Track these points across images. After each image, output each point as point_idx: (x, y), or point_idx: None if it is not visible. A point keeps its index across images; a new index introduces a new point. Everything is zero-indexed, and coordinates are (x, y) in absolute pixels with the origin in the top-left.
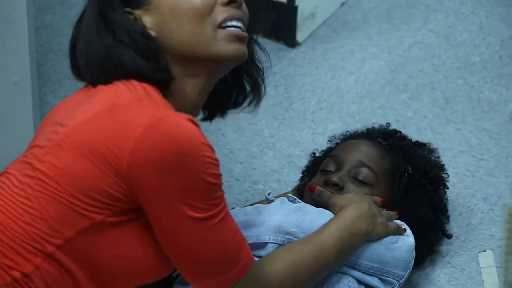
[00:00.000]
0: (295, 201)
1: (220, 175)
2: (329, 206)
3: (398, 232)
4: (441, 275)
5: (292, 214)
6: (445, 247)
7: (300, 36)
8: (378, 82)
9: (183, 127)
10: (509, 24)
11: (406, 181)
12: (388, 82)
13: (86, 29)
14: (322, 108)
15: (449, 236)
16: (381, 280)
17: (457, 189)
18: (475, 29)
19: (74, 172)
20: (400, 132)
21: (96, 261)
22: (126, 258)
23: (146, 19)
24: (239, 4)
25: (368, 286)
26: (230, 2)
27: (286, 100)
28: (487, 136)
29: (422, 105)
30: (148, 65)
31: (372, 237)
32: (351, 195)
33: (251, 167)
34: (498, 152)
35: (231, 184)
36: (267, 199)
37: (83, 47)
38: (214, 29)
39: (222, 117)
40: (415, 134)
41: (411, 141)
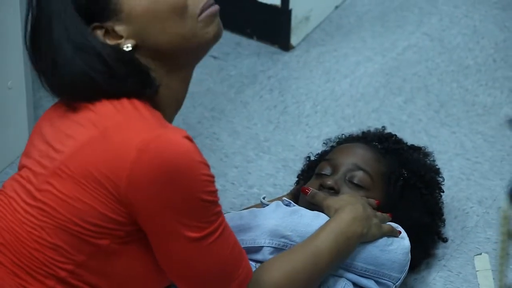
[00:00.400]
0: (290, 204)
1: (216, 191)
2: (323, 208)
3: (392, 233)
4: (437, 278)
5: (287, 217)
6: (440, 250)
7: (294, 40)
8: (373, 86)
9: (177, 146)
10: (503, 27)
11: (402, 184)
12: (383, 85)
13: (58, 49)
14: (316, 111)
15: (444, 240)
16: (377, 282)
17: (452, 192)
18: (469, 32)
19: (74, 200)
20: (396, 135)
21: (108, 281)
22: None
23: (120, 29)
24: None
25: None
26: None
27: (280, 104)
28: (481, 139)
29: (417, 108)
30: (128, 84)
31: (367, 239)
32: (345, 197)
33: (246, 171)
34: (492, 155)
35: (227, 188)
36: (262, 203)
37: (58, 72)
38: (196, 20)
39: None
40: (410, 137)
41: (406, 144)
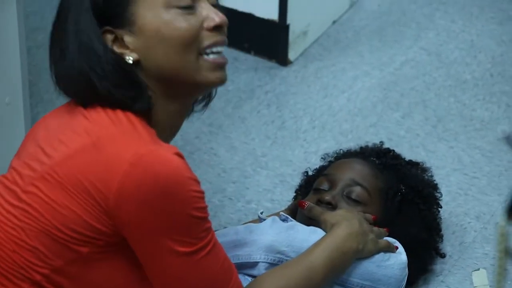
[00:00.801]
0: (287, 219)
1: (206, 207)
2: (320, 223)
3: (388, 249)
4: None
5: (283, 233)
6: (438, 266)
7: (292, 55)
8: (370, 100)
9: (167, 162)
10: (500, 41)
11: (399, 200)
12: (380, 100)
13: (66, 45)
14: (314, 126)
15: (442, 255)
16: None
17: (450, 207)
18: (466, 47)
19: (60, 206)
20: (393, 151)
21: None
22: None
23: (129, 39)
24: (224, 27)
25: None
26: (216, 28)
27: (278, 119)
28: (479, 154)
29: (414, 123)
30: (125, 95)
31: (363, 254)
32: (342, 212)
33: (244, 187)
34: (490, 170)
35: (224, 203)
36: (259, 218)
37: (62, 63)
38: (198, 55)
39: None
40: (407, 152)
41: (404, 160)
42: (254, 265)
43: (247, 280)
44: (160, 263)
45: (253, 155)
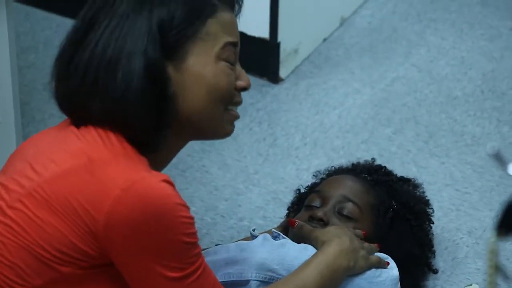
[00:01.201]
0: (279, 236)
1: (195, 232)
2: (311, 240)
3: (379, 265)
4: None
5: (274, 250)
6: (431, 281)
7: (283, 72)
8: (362, 117)
9: (157, 189)
10: (490, 58)
11: (391, 216)
12: (371, 117)
13: (107, 56)
14: (306, 143)
15: (435, 271)
16: None
17: (442, 223)
18: (457, 63)
19: (47, 225)
20: (385, 167)
21: None
22: None
23: (172, 72)
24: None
25: None
26: (243, 89)
27: (270, 136)
28: (471, 170)
29: (406, 140)
30: (151, 129)
31: (354, 271)
32: (332, 229)
33: (236, 204)
34: (482, 185)
35: (217, 221)
36: (251, 235)
37: (79, 78)
38: (224, 109)
39: None
40: (399, 168)
41: (396, 176)
42: (245, 283)
43: None
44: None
45: (245, 173)
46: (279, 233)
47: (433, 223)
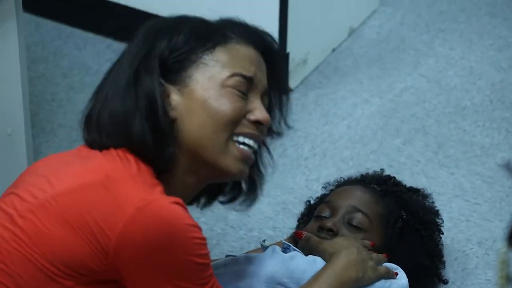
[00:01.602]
0: (289, 248)
1: (208, 253)
2: (319, 252)
3: (388, 275)
4: None
5: (283, 264)
6: None
7: (292, 83)
8: (370, 128)
9: (170, 211)
10: (499, 68)
11: (401, 226)
12: (380, 127)
13: (115, 84)
14: (315, 154)
15: (445, 282)
16: None
17: (452, 233)
18: (466, 73)
19: (56, 238)
20: (394, 177)
21: None
22: None
23: (175, 97)
24: (264, 127)
25: None
26: (256, 123)
27: (279, 147)
28: (480, 180)
29: (415, 150)
30: (153, 144)
31: (363, 282)
32: (340, 240)
33: (246, 215)
34: (491, 196)
35: (226, 232)
36: (262, 246)
37: (103, 98)
38: (229, 138)
39: (208, 205)
40: (408, 179)
41: (405, 186)
42: None
43: None
44: None
45: None
46: (290, 244)
47: (442, 233)
